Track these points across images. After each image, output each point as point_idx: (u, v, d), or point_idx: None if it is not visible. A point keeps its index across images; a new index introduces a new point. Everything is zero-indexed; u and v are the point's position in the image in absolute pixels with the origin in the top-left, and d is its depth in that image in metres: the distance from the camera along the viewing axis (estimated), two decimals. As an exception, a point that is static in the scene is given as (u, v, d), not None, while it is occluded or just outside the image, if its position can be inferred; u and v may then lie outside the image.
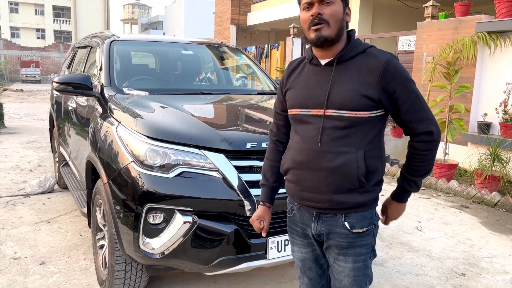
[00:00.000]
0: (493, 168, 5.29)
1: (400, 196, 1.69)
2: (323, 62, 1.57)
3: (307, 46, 1.68)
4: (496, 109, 5.76)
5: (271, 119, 2.78)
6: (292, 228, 1.77)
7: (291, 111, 1.64)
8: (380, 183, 1.60)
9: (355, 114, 1.49)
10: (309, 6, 1.52)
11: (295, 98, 1.62)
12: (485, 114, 5.95)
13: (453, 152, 6.20)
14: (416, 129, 1.54)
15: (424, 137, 1.53)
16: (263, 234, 1.80)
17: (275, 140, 1.82)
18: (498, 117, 5.75)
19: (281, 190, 2.33)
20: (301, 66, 1.67)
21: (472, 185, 5.48)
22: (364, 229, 1.58)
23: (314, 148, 1.54)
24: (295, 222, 1.73)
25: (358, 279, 1.62)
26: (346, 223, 1.57)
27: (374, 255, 1.66)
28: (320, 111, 1.53)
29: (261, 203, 1.83)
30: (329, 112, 1.51)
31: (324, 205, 1.57)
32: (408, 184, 1.64)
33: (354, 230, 1.57)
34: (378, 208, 1.71)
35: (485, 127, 5.91)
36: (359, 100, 1.48)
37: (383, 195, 1.72)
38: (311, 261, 1.75)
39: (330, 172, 1.51)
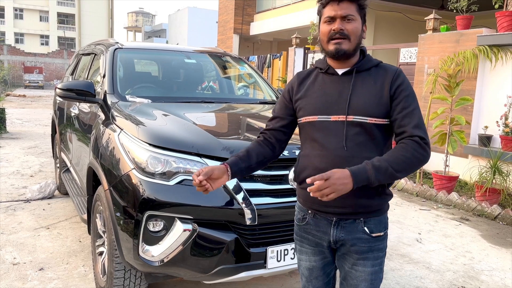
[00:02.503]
0: (494, 181, 5.28)
1: (358, 169, 1.45)
2: (340, 71, 1.65)
3: (310, 55, 1.71)
4: (497, 122, 5.77)
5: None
6: (302, 236, 1.76)
7: (307, 118, 1.66)
8: (390, 186, 1.69)
9: (375, 120, 1.57)
10: (331, 20, 1.59)
11: (312, 105, 1.65)
12: (486, 127, 5.96)
13: (453, 164, 6.20)
14: (414, 131, 1.52)
15: (417, 139, 1.51)
16: (200, 189, 1.58)
17: (263, 138, 1.80)
18: (499, 130, 5.76)
19: (279, 200, 2.37)
20: (312, 76, 1.72)
21: (473, 198, 5.47)
22: (382, 233, 1.66)
23: (339, 153, 1.57)
24: (307, 231, 1.73)
25: (374, 283, 1.66)
26: (365, 228, 1.62)
27: (385, 256, 1.74)
28: (341, 117, 1.59)
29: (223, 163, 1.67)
30: (350, 118, 1.58)
31: (347, 210, 1.60)
32: (374, 163, 1.45)
33: (374, 235, 1.63)
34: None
35: (485, 139, 5.91)
36: (377, 107, 1.57)
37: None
38: (319, 269, 1.76)
39: None
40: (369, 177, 1.44)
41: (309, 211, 1.70)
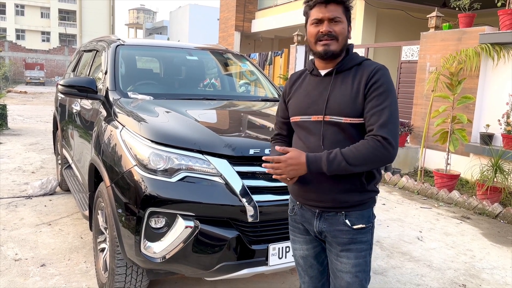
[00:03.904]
0: (495, 180, 5.28)
1: (314, 158, 1.56)
2: (323, 72, 1.71)
3: (310, 57, 1.76)
4: (499, 120, 5.76)
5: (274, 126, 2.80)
6: (293, 226, 1.86)
7: (293, 119, 1.77)
8: (377, 184, 1.73)
9: (350, 120, 1.61)
10: (319, 22, 1.64)
11: (296, 106, 1.76)
12: (488, 125, 5.96)
13: (455, 162, 6.20)
14: (377, 131, 1.54)
15: (381, 139, 1.53)
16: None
17: (276, 140, 1.93)
18: (501, 128, 5.76)
19: (281, 197, 2.37)
20: (302, 77, 1.81)
21: (474, 196, 5.47)
22: (364, 226, 1.69)
23: (318, 151, 1.63)
24: (297, 221, 1.83)
25: (359, 275, 1.69)
26: (347, 221, 1.66)
27: (371, 251, 1.76)
28: (319, 117, 1.66)
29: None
30: (328, 118, 1.64)
31: (327, 204, 1.67)
32: (329, 155, 1.54)
33: (355, 227, 1.67)
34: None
35: (487, 138, 5.91)
36: (352, 107, 1.61)
37: (384, 204, 1.72)
38: (312, 258, 1.83)
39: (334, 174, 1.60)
40: (322, 168, 1.54)
41: (297, 202, 1.78)
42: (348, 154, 1.53)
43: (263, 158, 1.62)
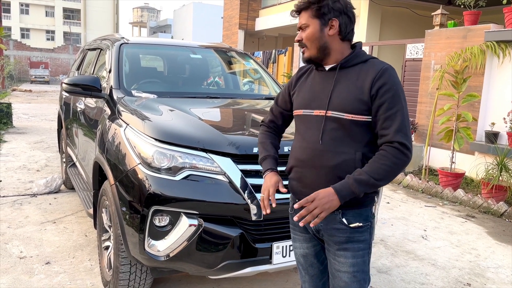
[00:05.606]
0: (500, 178, 5.25)
1: (341, 185, 1.55)
2: (327, 67, 1.71)
3: None
4: (504, 118, 5.72)
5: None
6: (294, 224, 1.86)
7: (296, 112, 1.78)
8: None
9: (352, 117, 1.59)
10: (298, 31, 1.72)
11: (300, 99, 1.76)
12: (493, 124, 5.92)
13: (460, 161, 6.17)
14: (394, 137, 1.54)
15: (397, 145, 1.54)
16: (273, 204, 1.72)
17: (269, 129, 1.95)
18: (506, 126, 5.72)
19: (285, 196, 2.36)
20: (309, 72, 1.82)
21: (479, 195, 5.44)
22: (361, 224, 1.65)
23: (316, 147, 1.64)
24: None
25: (357, 275, 1.67)
26: (343, 219, 1.65)
27: (370, 252, 1.74)
28: (321, 112, 1.65)
29: (268, 171, 1.80)
30: (330, 113, 1.63)
31: None
32: (356, 177, 1.52)
33: (352, 225, 1.65)
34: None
35: (492, 136, 5.87)
36: (355, 104, 1.59)
37: (388, 203, 1.71)
38: (312, 256, 1.83)
39: (330, 170, 1.61)
40: (353, 191, 1.53)
41: (296, 200, 1.77)
42: (373, 171, 1.53)
43: (295, 206, 1.58)
